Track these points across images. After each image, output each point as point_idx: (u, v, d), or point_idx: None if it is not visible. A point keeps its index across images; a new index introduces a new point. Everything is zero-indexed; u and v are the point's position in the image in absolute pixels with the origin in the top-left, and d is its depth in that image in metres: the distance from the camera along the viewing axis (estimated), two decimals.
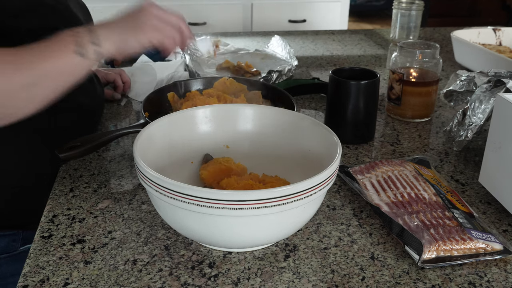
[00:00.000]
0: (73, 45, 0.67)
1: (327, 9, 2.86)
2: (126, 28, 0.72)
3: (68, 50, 0.67)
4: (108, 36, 0.70)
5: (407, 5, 1.55)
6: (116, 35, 0.71)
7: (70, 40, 0.67)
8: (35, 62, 0.65)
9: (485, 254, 0.64)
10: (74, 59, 0.67)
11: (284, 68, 1.22)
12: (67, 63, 0.67)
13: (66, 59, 0.67)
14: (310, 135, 0.73)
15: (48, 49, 0.66)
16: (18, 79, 0.64)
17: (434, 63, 1.02)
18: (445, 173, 0.85)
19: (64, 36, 0.68)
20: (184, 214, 0.59)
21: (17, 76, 0.64)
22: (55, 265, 0.63)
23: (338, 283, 0.61)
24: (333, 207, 0.75)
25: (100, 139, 0.83)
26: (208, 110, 0.77)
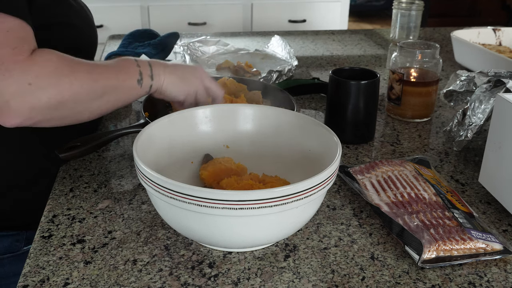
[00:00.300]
0: (137, 74, 0.75)
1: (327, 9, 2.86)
2: (179, 79, 0.80)
3: (133, 77, 0.75)
4: (162, 77, 0.78)
5: (407, 5, 1.55)
6: (168, 80, 0.79)
7: (135, 69, 0.75)
8: (106, 78, 0.72)
9: (485, 254, 0.64)
10: (134, 84, 0.75)
11: (284, 68, 1.22)
12: (129, 87, 0.75)
13: (129, 83, 0.75)
14: (310, 135, 0.73)
15: (117, 70, 0.74)
16: (91, 89, 0.70)
17: (434, 63, 1.02)
18: (445, 173, 0.86)
19: (131, 63, 0.76)
20: (184, 214, 0.59)
21: (91, 86, 0.70)
22: (55, 265, 0.63)
23: (338, 283, 0.61)
24: (333, 207, 0.75)
25: (100, 139, 0.83)
26: (208, 110, 0.77)
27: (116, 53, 1.23)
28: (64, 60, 0.69)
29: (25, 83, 0.64)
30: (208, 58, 1.35)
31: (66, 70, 0.68)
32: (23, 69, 0.64)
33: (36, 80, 0.65)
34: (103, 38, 1.66)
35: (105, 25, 2.55)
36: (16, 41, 0.66)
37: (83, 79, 0.69)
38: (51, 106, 0.67)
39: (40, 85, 0.65)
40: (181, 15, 2.68)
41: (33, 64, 0.65)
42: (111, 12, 2.58)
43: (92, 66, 0.72)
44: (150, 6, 2.64)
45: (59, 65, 0.68)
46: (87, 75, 0.70)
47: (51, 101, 0.67)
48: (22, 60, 0.65)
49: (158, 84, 0.78)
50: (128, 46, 1.29)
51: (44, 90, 0.66)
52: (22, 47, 0.66)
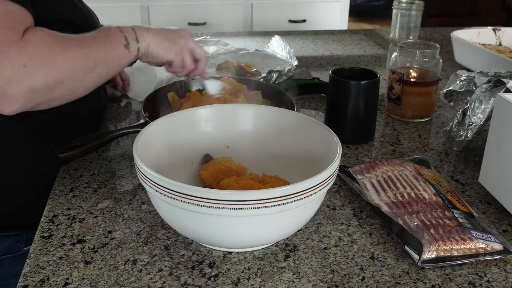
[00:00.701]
0: (122, 39, 0.75)
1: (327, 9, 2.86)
2: (164, 39, 0.80)
3: (120, 43, 0.75)
4: (147, 38, 0.78)
5: (407, 5, 1.55)
6: (153, 41, 0.79)
7: (119, 35, 0.75)
8: (97, 50, 0.72)
9: (485, 254, 0.64)
10: (122, 51, 0.75)
11: (284, 68, 1.22)
12: (118, 54, 0.75)
13: (117, 50, 0.75)
14: (310, 135, 0.73)
15: (104, 40, 0.73)
16: (83, 63, 0.70)
17: (434, 63, 1.02)
18: (445, 173, 0.86)
19: (114, 31, 0.76)
20: (184, 214, 0.59)
21: (83, 59, 0.69)
22: (55, 265, 0.63)
23: (338, 283, 0.61)
24: (333, 207, 0.75)
25: (100, 139, 0.83)
26: (208, 110, 0.77)
27: None
28: (55, 38, 0.68)
29: (20, 65, 0.63)
30: (208, 58, 1.35)
31: (58, 48, 0.67)
32: (17, 51, 0.63)
33: (31, 62, 0.64)
34: None
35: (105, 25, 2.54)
36: (13, 22, 0.64)
37: (75, 54, 0.68)
38: (48, 86, 0.66)
39: (35, 66, 0.64)
40: (181, 15, 2.68)
41: (26, 44, 0.64)
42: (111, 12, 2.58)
43: (81, 40, 0.71)
44: (150, 6, 2.64)
45: (52, 43, 0.67)
46: (78, 51, 0.69)
47: (48, 81, 0.66)
48: (15, 42, 0.63)
49: (144, 46, 0.78)
50: None
51: (40, 70, 0.64)
52: (17, 28, 0.64)
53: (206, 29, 2.71)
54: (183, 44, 0.83)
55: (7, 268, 0.88)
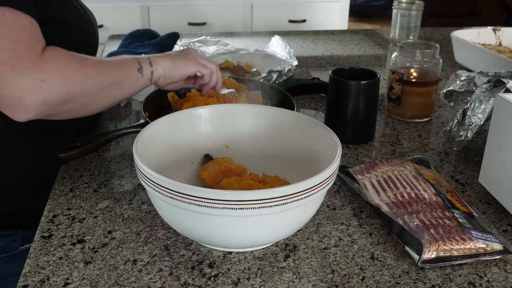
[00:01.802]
0: (136, 64, 0.80)
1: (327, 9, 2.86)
2: (177, 58, 0.85)
3: (133, 67, 0.80)
4: (161, 62, 0.83)
5: (407, 5, 1.55)
6: (168, 62, 0.84)
7: (133, 60, 0.80)
8: (110, 70, 0.76)
9: (485, 254, 0.64)
10: (136, 74, 0.80)
11: (284, 68, 1.22)
12: (131, 77, 0.79)
13: (131, 73, 0.79)
14: (310, 135, 0.73)
15: (117, 63, 0.78)
16: (99, 81, 0.74)
17: (434, 63, 1.02)
18: (445, 173, 0.86)
19: (128, 57, 0.81)
20: (184, 214, 0.59)
21: (97, 79, 0.74)
22: (55, 265, 0.63)
23: (338, 283, 0.61)
24: (333, 207, 0.75)
25: (100, 139, 0.83)
26: (208, 110, 0.77)
27: (116, 53, 1.23)
28: (71, 56, 0.73)
29: (38, 79, 0.67)
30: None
31: (74, 66, 0.72)
32: (36, 67, 0.68)
33: (49, 77, 0.68)
34: (103, 38, 1.66)
35: (105, 25, 2.54)
36: (29, 39, 0.69)
37: (90, 73, 0.73)
38: (62, 100, 0.70)
39: (52, 81, 0.69)
40: (181, 15, 2.68)
41: (45, 61, 0.69)
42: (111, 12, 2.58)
43: (96, 60, 0.76)
44: (150, 6, 2.64)
45: (68, 60, 0.71)
46: (94, 69, 0.74)
47: (62, 95, 0.70)
48: (35, 59, 0.68)
49: (159, 70, 0.82)
50: (128, 46, 1.29)
51: (55, 85, 0.69)
52: (35, 46, 0.69)
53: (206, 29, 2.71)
54: (195, 56, 0.87)
55: (4, 268, 0.88)
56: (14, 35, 0.67)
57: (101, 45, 1.46)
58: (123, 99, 0.81)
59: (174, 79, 0.84)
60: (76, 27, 0.86)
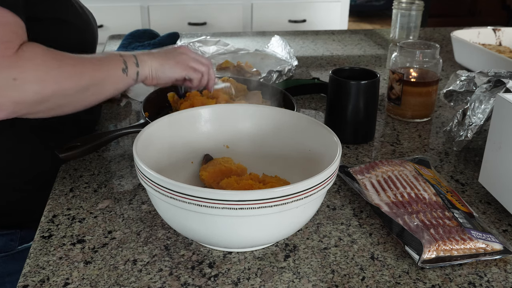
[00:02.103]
0: (121, 63, 0.77)
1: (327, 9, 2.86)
2: (165, 59, 0.82)
3: (117, 67, 0.76)
4: (149, 62, 0.80)
5: (407, 5, 1.55)
6: (156, 63, 0.81)
7: (119, 59, 0.77)
8: (92, 70, 0.74)
9: (485, 254, 0.64)
10: (119, 74, 0.77)
11: (284, 68, 1.22)
12: (114, 77, 0.76)
13: (114, 73, 0.76)
14: (310, 135, 0.73)
15: (100, 62, 0.75)
16: (78, 82, 0.71)
17: (434, 63, 1.02)
18: (445, 173, 0.86)
19: (114, 55, 0.78)
20: (184, 214, 0.59)
21: (76, 79, 0.71)
22: (55, 265, 0.63)
23: (338, 283, 0.61)
24: (333, 207, 0.75)
25: (100, 139, 0.83)
26: (208, 110, 0.77)
27: None
28: (50, 54, 0.69)
29: (10, 78, 0.64)
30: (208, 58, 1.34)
31: (52, 64, 0.68)
32: (9, 64, 0.65)
33: (22, 75, 0.65)
34: (103, 38, 1.66)
35: (105, 25, 2.54)
36: (9, 35, 0.66)
37: (68, 72, 0.70)
38: (36, 101, 0.68)
39: (26, 80, 0.66)
40: (181, 15, 2.68)
41: (19, 59, 0.66)
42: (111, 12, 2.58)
43: (77, 59, 0.72)
44: (150, 6, 2.64)
45: (45, 59, 0.68)
46: (72, 69, 0.71)
47: (36, 95, 0.67)
48: (9, 55, 0.65)
49: (146, 71, 0.79)
50: (128, 46, 1.29)
51: (29, 85, 0.66)
52: (13, 42, 0.66)
53: (206, 29, 2.71)
54: (185, 58, 0.84)
55: (2, 267, 0.88)
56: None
57: (101, 45, 1.46)
58: (104, 99, 0.78)
59: (160, 80, 0.82)
60: (74, 26, 0.86)
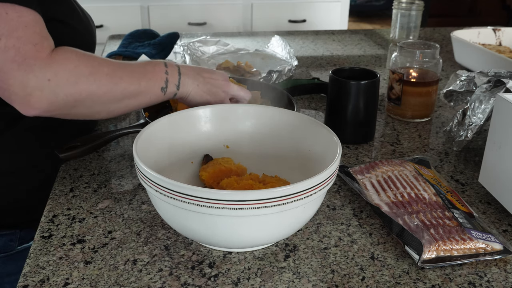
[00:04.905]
0: (163, 82, 0.76)
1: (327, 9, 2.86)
2: (203, 88, 0.80)
3: (157, 84, 0.75)
4: (188, 86, 0.78)
5: (407, 5, 1.55)
6: (193, 89, 0.79)
7: (162, 76, 0.76)
8: (128, 82, 0.73)
9: (485, 254, 0.64)
10: (157, 92, 0.76)
11: (284, 68, 1.22)
12: (151, 93, 0.75)
13: (152, 90, 0.75)
14: (310, 135, 0.73)
15: (141, 75, 0.74)
16: (110, 92, 0.72)
17: (434, 63, 1.02)
18: (445, 173, 0.86)
19: (159, 69, 0.76)
20: (184, 214, 0.59)
21: (110, 89, 0.72)
22: (55, 265, 0.63)
23: (338, 283, 0.61)
24: (333, 207, 0.75)
25: (100, 139, 0.83)
26: (208, 110, 0.77)
27: (116, 53, 1.23)
28: (84, 60, 0.71)
29: (45, 79, 0.67)
30: (208, 58, 1.35)
31: (85, 70, 0.70)
32: (43, 65, 0.67)
33: (55, 77, 0.67)
34: (103, 38, 1.66)
35: (105, 25, 2.54)
36: (36, 36, 0.68)
37: (102, 80, 0.71)
38: (68, 103, 0.69)
39: (59, 82, 0.68)
40: (181, 15, 2.68)
41: (53, 61, 0.68)
42: (111, 12, 2.58)
43: (114, 68, 0.73)
44: (150, 6, 2.64)
45: (78, 64, 0.70)
46: (107, 78, 0.71)
47: (68, 98, 0.69)
48: (43, 57, 0.67)
49: (183, 94, 0.79)
50: (128, 46, 1.29)
51: (62, 87, 0.68)
52: (43, 44, 0.68)
53: (206, 29, 2.71)
54: (223, 97, 0.82)
55: (1, 268, 0.88)
56: (18, 33, 0.66)
57: (101, 45, 1.46)
58: (137, 110, 0.79)
59: (189, 104, 0.81)
60: (76, 29, 0.86)
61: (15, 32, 0.66)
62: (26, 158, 0.86)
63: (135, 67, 0.75)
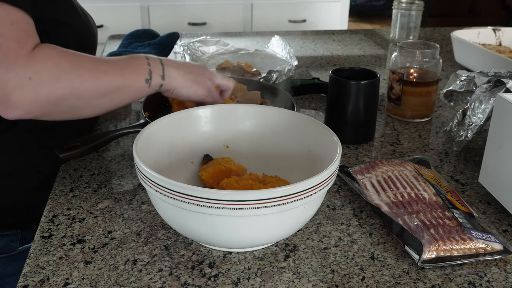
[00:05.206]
0: (146, 73, 0.74)
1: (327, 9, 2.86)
2: (193, 81, 0.79)
3: (141, 76, 0.74)
4: (174, 77, 0.77)
5: (407, 5, 1.55)
6: (183, 82, 0.78)
7: (145, 68, 0.74)
8: (111, 76, 0.72)
9: (485, 254, 0.64)
10: (142, 84, 0.74)
11: (284, 68, 1.22)
12: (135, 85, 0.74)
13: (136, 82, 0.74)
14: (310, 135, 0.73)
15: (123, 68, 0.73)
16: (93, 87, 0.70)
17: (434, 63, 1.02)
18: (445, 173, 0.86)
19: (140, 61, 0.75)
20: (184, 214, 0.59)
21: (93, 84, 0.70)
22: (55, 265, 0.63)
23: (338, 283, 0.61)
24: (333, 207, 0.75)
25: (100, 139, 0.83)
26: (208, 110, 0.77)
27: (116, 53, 1.23)
28: (66, 56, 0.69)
29: (25, 77, 0.65)
30: (208, 58, 1.35)
31: (66, 67, 0.68)
32: (24, 63, 0.65)
33: (36, 75, 0.65)
34: (103, 38, 1.66)
35: (105, 25, 2.55)
36: (21, 34, 0.66)
37: (84, 76, 0.69)
38: (50, 101, 0.67)
39: (40, 80, 0.66)
40: (181, 15, 2.69)
41: (33, 59, 0.66)
42: (111, 12, 2.58)
43: (96, 63, 0.71)
44: (150, 6, 2.65)
45: (60, 61, 0.68)
46: (89, 73, 0.70)
47: (50, 96, 0.67)
48: (24, 54, 0.65)
49: (170, 86, 0.77)
50: (128, 46, 1.29)
51: (43, 85, 0.66)
52: (26, 41, 0.67)
53: (206, 29, 2.71)
54: (210, 85, 0.82)
55: (2, 268, 0.88)
56: (3, 30, 0.65)
57: (101, 45, 1.46)
58: (123, 105, 0.77)
59: (179, 98, 0.81)
60: (76, 29, 0.86)
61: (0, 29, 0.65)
62: (26, 159, 0.86)
63: (117, 61, 0.74)
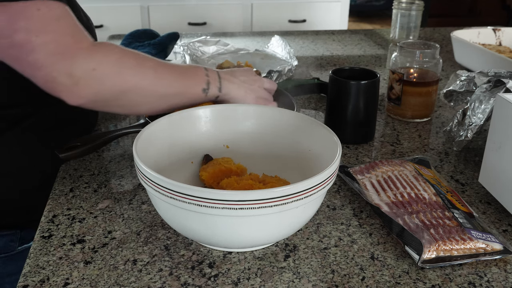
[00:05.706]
0: (203, 83, 0.78)
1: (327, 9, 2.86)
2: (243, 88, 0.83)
3: (199, 85, 0.78)
4: (230, 89, 0.81)
5: (407, 5, 1.55)
6: (235, 91, 0.82)
7: (203, 78, 0.78)
8: (172, 80, 0.75)
9: (485, 254, 0.64)
10: (199, 92, 0.78)
11: (284, 68, 1.22)
12: (192, 93, 0.78)
13: (194, 90, 0.78)
14: (310, 135, 0.73)
15: (184, 76, 0.77)
16: (154, 86, 0.74)
17: (434, 63, 1.02)
18: (445, 173, 0.86)
19: (199, 71, 0.79)
20: (184, 214, 0.59)
21: (154, 82, 0.74)
22: (55, 265, 0.63)
23: (338, 283, 0.61)
24: (333, 207, 0.75)
25: (100, 139, 0.83)
26: (208, 110, 0.77)
27: None
28: (128, 53, 0.72)
29: (89, 68, 0.67)
30: (208, 58, 1.35)
31: (129, 62, 0.71)
32: (86, 56, 0.68)
33: (100, 67, 0.68)
34: (103, 38, 1.66)
35: (105, 25, 2.55)
36: (71, 28, 0.69)
37: (146, 73, 0.72)
38: (113, 93, 0.70)
39: (104, 72, 0.69)
40: (181, 15, 2.69)
41: (95, 52, 0.69)
42: (111, 12, 2.58)
43: (157, 63, 0.75)
44: (150, 6, 2.65)
45: (122, 56, 0.71)
46: (151, 71, 0.73)
47: (113, 88, 0.70)
48: (84, 48, 0.68)
49: (226, 97, 0.81)
50: (128, 46, 1.29)
51: (107, 76, 0.69)
52: (80, 35, 0.69)
53: (206, 29, 2.71)
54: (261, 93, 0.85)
55: (1, 268, 0.88)
56: (53, 27, 0.67)
57: None
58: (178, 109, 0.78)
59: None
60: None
61: (49, 27, 0.67)
62: (27, 158, 0.86)
63: (176, 67, 0.78)
